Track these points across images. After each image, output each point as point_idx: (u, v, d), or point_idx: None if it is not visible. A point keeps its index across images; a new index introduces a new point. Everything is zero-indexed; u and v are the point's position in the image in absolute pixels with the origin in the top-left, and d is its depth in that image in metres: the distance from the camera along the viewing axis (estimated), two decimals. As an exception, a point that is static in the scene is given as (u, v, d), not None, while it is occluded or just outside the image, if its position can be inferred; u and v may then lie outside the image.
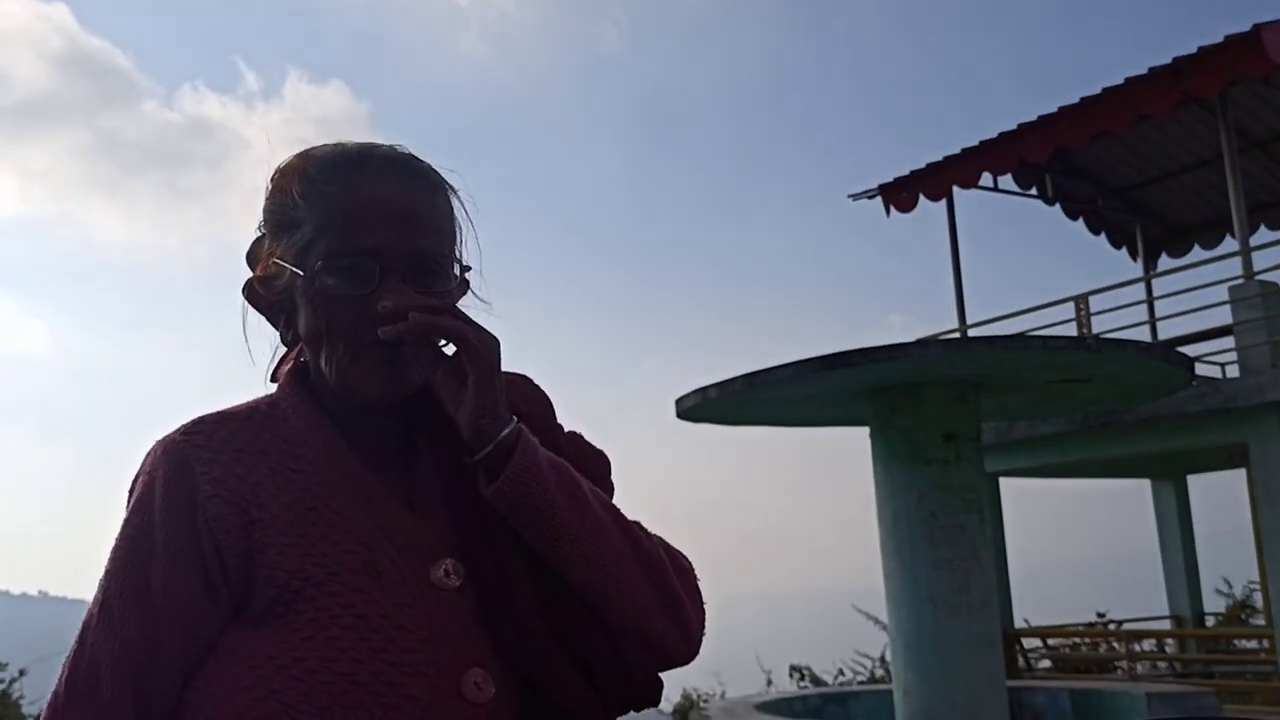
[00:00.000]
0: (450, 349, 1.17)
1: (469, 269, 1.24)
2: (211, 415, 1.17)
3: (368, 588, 1.08)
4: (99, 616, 1.09)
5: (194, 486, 1.10)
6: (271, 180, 1.23)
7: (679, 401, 7.71)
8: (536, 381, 1.33)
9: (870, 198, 12.74)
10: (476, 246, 1.27)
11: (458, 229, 1.24)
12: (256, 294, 1.23)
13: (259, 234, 1.24)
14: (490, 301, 1.28)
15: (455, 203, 1.24)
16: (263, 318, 1.26)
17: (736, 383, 7.02)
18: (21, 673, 10.76)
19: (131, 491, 1.14)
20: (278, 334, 1.25)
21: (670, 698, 14.35)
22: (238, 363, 1.27)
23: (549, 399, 1.32)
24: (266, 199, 1.23)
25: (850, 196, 12.97)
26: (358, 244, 1.14)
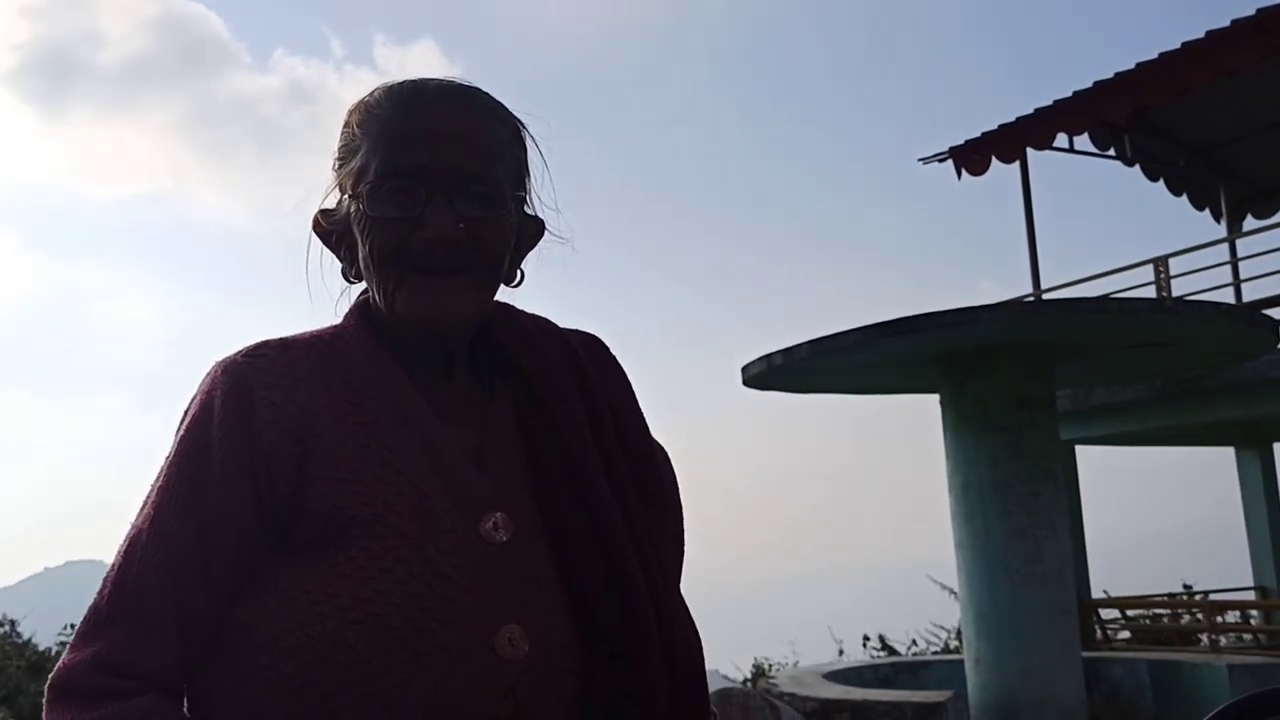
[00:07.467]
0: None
1: (524, 196, 1.21)
2: (275, 340, 1.16)
3: (413, 533, 1.06)
4: (149, 531, 1.06)
5: (253, 409, 1.08)
6: (344, 119, 1.22)
7: (745, 369, 7.65)
8: (607, 343, 1.31)
9: (941, 161, 12.50)
10: (552, 187, 1.25)
11: (524, 164, 1.22)
12: (320, 225, 1.23)
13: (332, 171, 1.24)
14: (567, 238, 1.27)
15: (527, 139, 1.22)
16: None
17: (802, 349, 6.95)
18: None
19: (187, 411, 1.12)
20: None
21: (742, 667, 14.38)
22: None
23: (627, 376, 1.29)
24: (338, 136, 1.22)
25: (920, 160, 12.75)
26: (403, 164, 1.13)
